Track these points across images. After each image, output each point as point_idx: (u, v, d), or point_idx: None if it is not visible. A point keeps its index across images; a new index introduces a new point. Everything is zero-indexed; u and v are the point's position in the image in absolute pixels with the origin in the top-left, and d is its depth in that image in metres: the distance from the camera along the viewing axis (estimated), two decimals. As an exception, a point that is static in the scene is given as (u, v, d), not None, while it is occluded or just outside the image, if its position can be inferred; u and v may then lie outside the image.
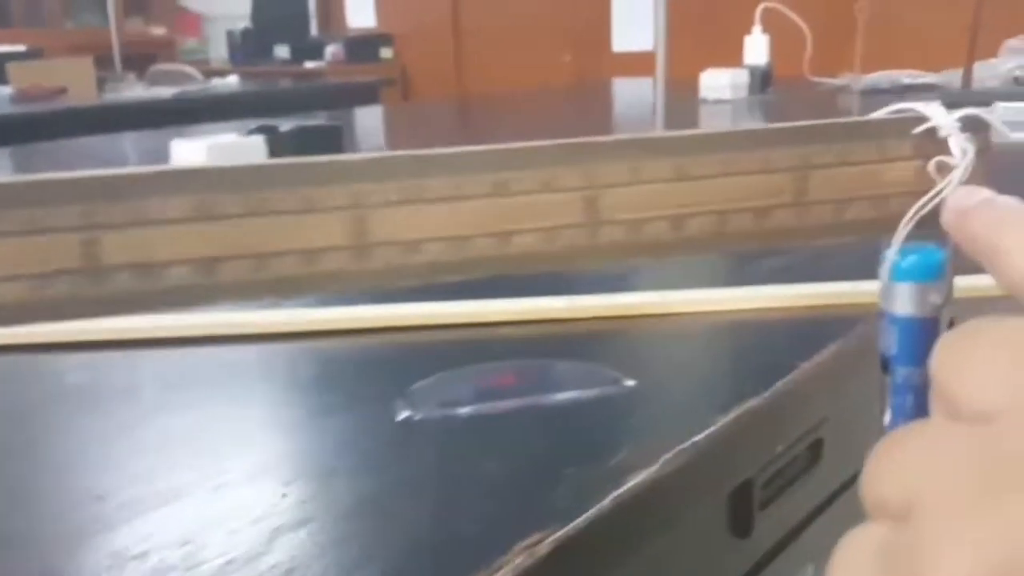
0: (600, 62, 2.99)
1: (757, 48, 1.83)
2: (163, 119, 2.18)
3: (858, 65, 1.60)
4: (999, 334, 0.21)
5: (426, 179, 0.27)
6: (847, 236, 0.31)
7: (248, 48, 3.73)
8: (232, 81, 2.93)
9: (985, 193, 0.29)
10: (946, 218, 0.30)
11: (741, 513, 0.54)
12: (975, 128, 0.31)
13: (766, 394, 0.50)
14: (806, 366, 0.54)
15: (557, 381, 0.54)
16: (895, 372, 0.32)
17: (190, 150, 1.11)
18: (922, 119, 0.31)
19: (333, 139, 1.22)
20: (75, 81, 2.75)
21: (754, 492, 0.53)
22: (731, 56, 1.95)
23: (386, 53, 3.54)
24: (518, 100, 2.39)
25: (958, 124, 0.31)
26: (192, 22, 4.11)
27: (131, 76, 2.94)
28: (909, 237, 0.31)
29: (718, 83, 1.78)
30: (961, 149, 0.30)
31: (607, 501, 0.39)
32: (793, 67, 1.96)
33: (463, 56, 3.36)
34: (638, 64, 2.85)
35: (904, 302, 0.31)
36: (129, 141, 1.80)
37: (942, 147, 0.31)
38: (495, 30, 3.33)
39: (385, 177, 0.27)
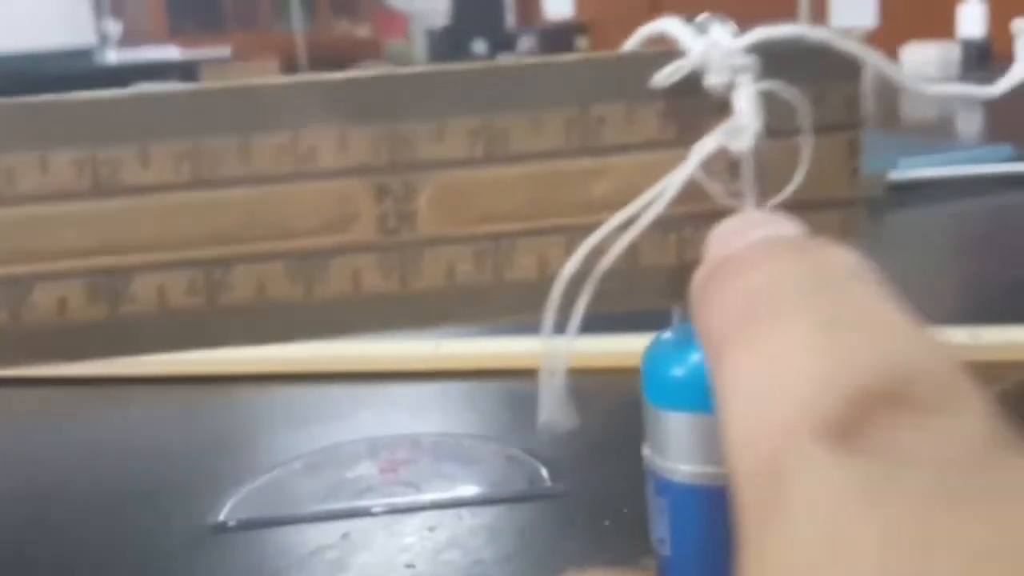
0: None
1: (972, 18, 1.56)
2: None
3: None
4: None
5: None
6: (504, 315, 0.16)
7: (446, 45, 3.74)
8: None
9: (774, 229, 0.14)
10: (692, 286, 0.15)
11: None
12: (813, 72, 0.15)
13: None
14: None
15: (449, 471, 0.41)
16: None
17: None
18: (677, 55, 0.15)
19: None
20: (260, 82, 2.85)
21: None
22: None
23: (581, 43, 3.43)
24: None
25: (748, 60, 0.15)
26: (398, 22, 4.16)
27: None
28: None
29: (923, 60, 1.53)
30: (746, 117, 0.14)
31: None
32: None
33: (663, 45, 3.21)
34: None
35: (682, 452, 0.16)
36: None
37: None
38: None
39: None
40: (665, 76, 0.16)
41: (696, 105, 0.16)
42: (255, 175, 0.15)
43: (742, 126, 0.15)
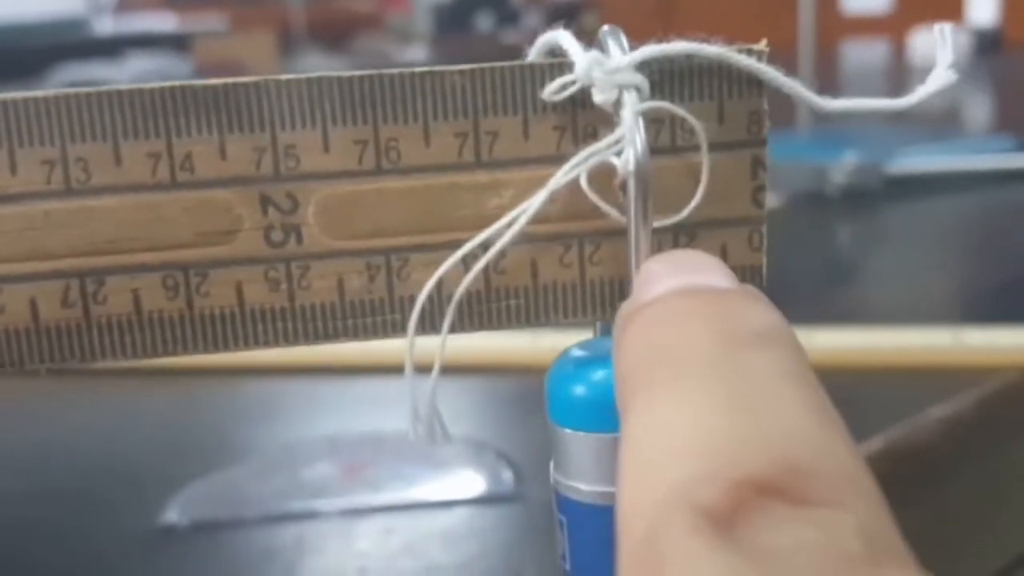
0: (825, 24, 2.73)
1: (983, 3, 1.55)
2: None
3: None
4: None
5: None
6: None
7: (450, 21, 3.72)
8: (413, 55, 2.91)
9: (697, 277, 0.14)
10: (616, 320, 0.15)
11: None
12: (714, 88, 0.15)
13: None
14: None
15: (410, 473, 0.41)
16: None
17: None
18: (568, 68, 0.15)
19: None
20: (254, 55, 2.84)
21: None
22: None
23: (590, 21, 3.41)
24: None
25: (636, 78, 0.15)
26: (400, -5, 4.14)
27: (316, 50, 3.00)
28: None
29: (931, 46, 1.52)
30: (628, 135, 0.14)
31: None
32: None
33: (673, 20, 3.19)
34: (869, 26, 2.57)
35: (580, 471, 0.16)
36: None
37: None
38: (709, -7, 3.13)
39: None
40: (552, 91, 0.15)
41: (593, 119, 0.16)
42: (127, 183, 0.15)
43: (624, 144, 0.14)
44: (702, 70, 0.15)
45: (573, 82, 0.15)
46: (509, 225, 0.15)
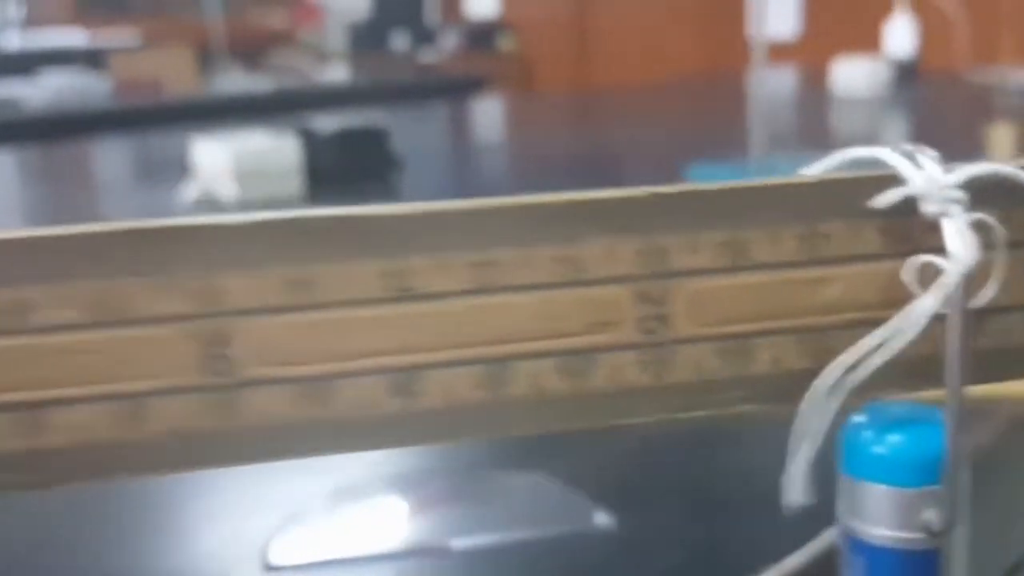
0: (733, 50, 2.83)
1: (900, 35, 1.64)
2: (248, 112, 2.16)
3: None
4: None
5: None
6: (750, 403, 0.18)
7: (365, 39, 3.73)
8: (333, 75, 2.91)
9: None
10: None
11: None
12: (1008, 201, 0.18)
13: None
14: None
15: (486, 506, 0.41)
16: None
17: (213, 154, 1.03)
18: (893, 180, 0.18)
19: (377, 145, 1.13)
20: (174, 71, 2.79)
21: None
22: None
23: (505, 44, 3.46)
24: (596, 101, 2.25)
25: (959, 194, 0.18)
26: (315, 13, 4.13)
27: (236, 67, 2.97)
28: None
29: (851, 76, 1.59)
30: (961, 245, 0.17)
31: None
32: (951, 58, 1.75)
33: (588, 44, 3.26)
34: (779, 53, 2.67)
35: (878, 518, 0.19)
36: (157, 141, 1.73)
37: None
38: (624, 18, 3.20)
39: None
40: (884, 200, 0.18)
41: (910, 222, 0.18)
42: (534, 282, 0.17)
43: (953, 250, 0.17)
44: (995, 181, 0.18)
45: (903, 194, 0.18)
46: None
